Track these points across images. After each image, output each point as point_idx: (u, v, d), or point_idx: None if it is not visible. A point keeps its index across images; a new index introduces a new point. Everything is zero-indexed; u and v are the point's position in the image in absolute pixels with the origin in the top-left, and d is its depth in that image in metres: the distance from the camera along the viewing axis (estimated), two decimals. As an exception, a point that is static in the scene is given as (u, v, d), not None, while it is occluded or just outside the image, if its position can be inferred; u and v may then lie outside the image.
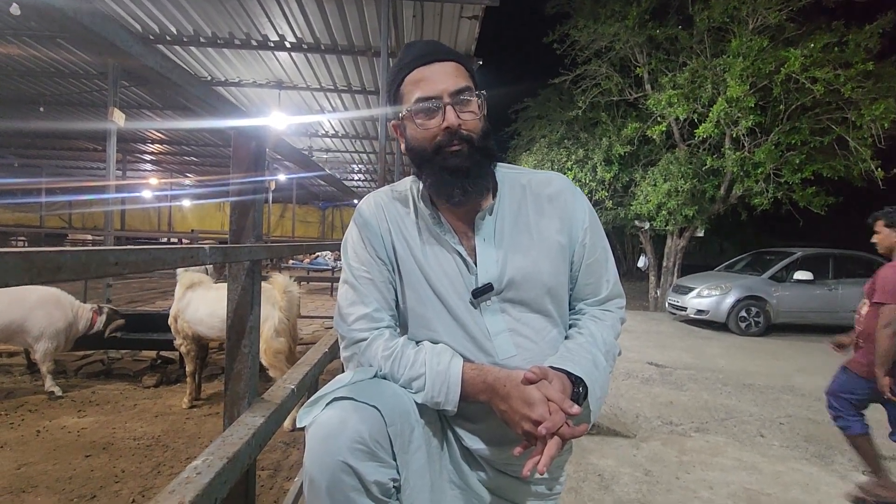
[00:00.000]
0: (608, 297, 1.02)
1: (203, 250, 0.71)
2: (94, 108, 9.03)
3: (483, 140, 0.91)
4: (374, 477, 0.75)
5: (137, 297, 7.77)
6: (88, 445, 2.83)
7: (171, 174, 17.62)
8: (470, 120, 0.89)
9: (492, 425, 0.90)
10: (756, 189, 7.98)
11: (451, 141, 0.88)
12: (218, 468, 0.74)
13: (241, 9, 5.48)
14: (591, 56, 9.66)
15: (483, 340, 0.91)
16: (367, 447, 0.75)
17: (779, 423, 3.52)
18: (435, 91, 0.88)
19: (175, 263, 0.63)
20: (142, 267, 0.56)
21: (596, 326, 0.97)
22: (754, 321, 7.39)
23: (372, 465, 0.75)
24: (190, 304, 3.53)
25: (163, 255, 0.60)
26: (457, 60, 0.92)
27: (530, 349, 0.91)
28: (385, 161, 4.68)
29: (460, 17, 5.50)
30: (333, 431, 0.75)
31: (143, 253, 0.55)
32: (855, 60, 6.80)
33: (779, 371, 5.12)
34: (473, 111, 0.90)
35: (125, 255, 0.52)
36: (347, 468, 0.74)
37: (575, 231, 0.97)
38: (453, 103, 0.87)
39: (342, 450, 0.74)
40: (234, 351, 1.00)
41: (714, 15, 7.92)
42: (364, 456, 0.75)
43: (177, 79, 0.61)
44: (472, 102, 0.90)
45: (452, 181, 0.88)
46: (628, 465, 2.72)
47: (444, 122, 0.87)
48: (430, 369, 0.85)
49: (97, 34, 0.46)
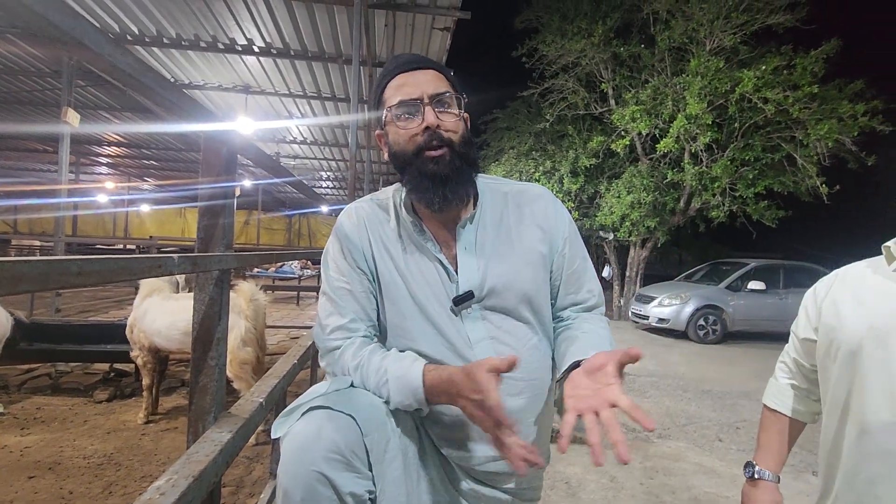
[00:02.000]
0: (593, 306, 1.03)
1: (171, 260, 0.69)
2: (45, 107, 8.58)
3: (464, 146, 0.91)
4: (350, 488, 0.74)
5: (90, 306, 7.38)
6: (32, 465, 2.65)
7: (128, 178, 16.90)
8: (449, 121, 0.90)
9: (471, 434, 0.89)
10: (713, 202, 8.33)
11: (430, 142, 0.88)
12: (183, 488, 0.70)
13: (208, 11, 5.35)
14: (559, 70, 9.91)
15: (463, 348, 0.90)
16: (343, 457, 0.74)
17: (735, 427, 3.66)
18: (415, 94, 0.89)
19: (142, 273, 0.60)
20: (106, 277, 0.53)
21: (590, 325, 0.97)
22: (712, 329, 7.68)
23: (348, 476, 0.74)
24: (147, 313, 3.36)
25: (129, 265, 0.57)
26: (439, 70, 0.94)
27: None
28: (355, 169, 4.65)
29: (432, 28, 5.55)
30: (308, 441, 0.73)
31: (108, 262, 0.52)
32: (802, 83, 7.23)
33: (735, 377, 5.33)
34: (454, 115, 0.91)
35: (88, 265, 0.49)
36: (323, 478, 0.72)
37: (555, 241, 0.98)
38: (432, 104, 0.89)
39: (317, 460, 0.72)
40: (200, 363, 0.96)
41: (674, 36, 8.29)
42: (340, 466, 0.73)
43: (150, 82, 0.58)
44: (452, 106, 0.91)
45: (433, 187, 0.88)
46: (594, 472, 2.76)
47: (423, 121, 0.88)
48: (391, 374, 0.84)
49: (65, 32, 0.44)
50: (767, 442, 1.16)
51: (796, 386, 1.16)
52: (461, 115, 0.92)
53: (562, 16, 9.77)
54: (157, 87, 0.61)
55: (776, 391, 1.19)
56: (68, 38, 0.45)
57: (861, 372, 0.92)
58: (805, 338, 1.10)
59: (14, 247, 12.77)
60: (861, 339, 0.92)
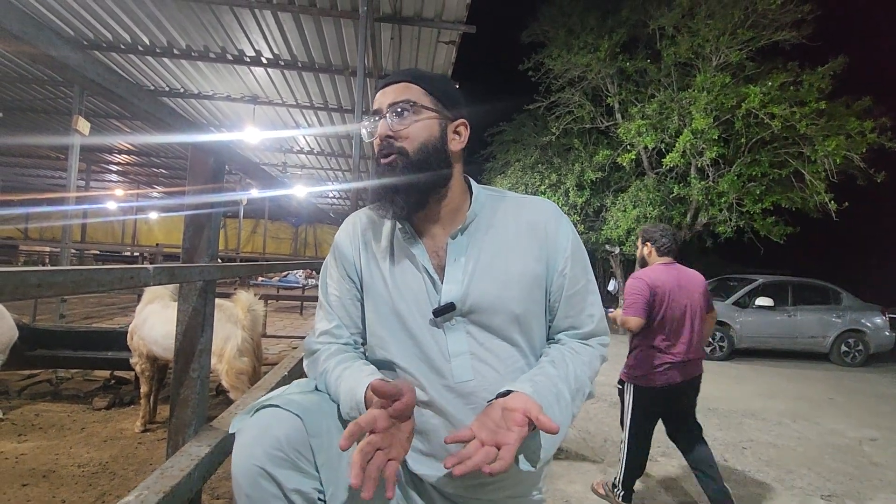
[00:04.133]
0: (592, 333, 0.97)
1: (146, 271, 0.67)
2: (57, 115, 8.73)
3: (420, 152, 0.88)
4: (295, 485, 0.75)
5: (94, 312, 7.42)
6: (27, 473, 2.63)
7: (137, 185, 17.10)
8: (403, 129, 0.88)
9: (442, 449, 0.85)
10: (720, 217, 8.28)
11: (382, 151, 0.89)
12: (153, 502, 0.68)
13: (218, 23, 5.44)
14: (565, 84, 9.97)
15: (440, 362, 0.87)
16: (286, 454, 0.75)
17: (741, 447, 3.58)
18: (376, 106, 0.91)
19: (111, 285, 0.59)
20: (70, 289, 0.51)
21: (572, 360, 0.91)
22: (719, 346, 7.57)
23: (291, 474, 0.75)
24: (147, 321, 3.36)
25: (97, 276, 0.56)
26: (412, 80, 0.91)
27: (489, 376, 0.87)
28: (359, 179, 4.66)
29: (437, 41, 5.59)
30: (254, 438, 0.75)
31: (71, 274, 0.51)
32: (809, 99, 7.21)
33: (741, 396, 5.23)
34: (413, 121, 0.88)
35: (49, 277, 0.48)
36: (265, 474, 0.73)
37: (554, 260, 0.93)
38: (390, 113, 0.89)
39: (259, 456, 0.74)
40: (181, 375, 0.95)
41: (680, 51, 8.32)
42: (283, 463, 0.74)
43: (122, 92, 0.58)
44: (409, 114, 0.88)
45: (384, 195, 0.88)
46: (595, 492, 2.71)
47: (377, 132, 0.90)
48: (343, 386, 0.84)
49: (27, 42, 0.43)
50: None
51: None
52: (421, 120, 0.88)
53: (568, 30, 9.85)
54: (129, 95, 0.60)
55: None
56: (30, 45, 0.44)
57: None
58: None
59: (23, 252, 12.90)
60: None
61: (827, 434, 4.03)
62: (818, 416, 4.56)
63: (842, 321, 7.78)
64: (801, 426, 4.19)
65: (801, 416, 4.50)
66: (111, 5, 5.19)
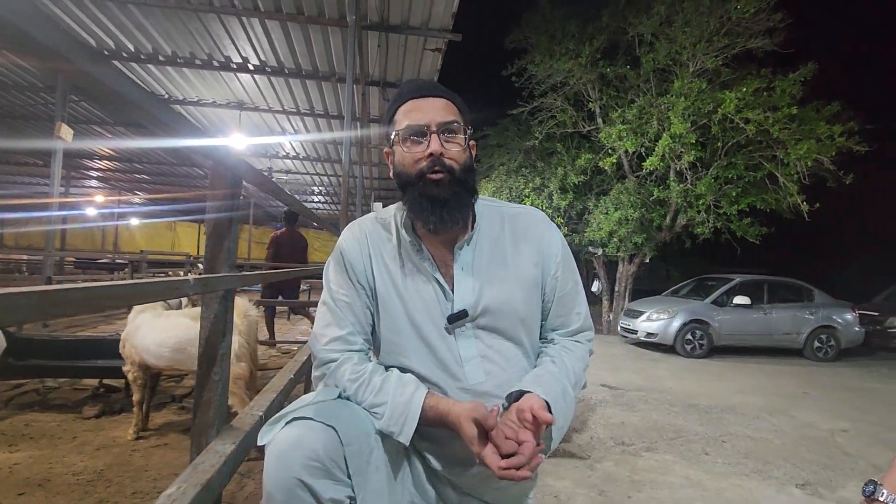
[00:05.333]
0: (579, 329, 1.08)
1: (188, 282, 0.74)
2: (37, 121, 8.59)
3: (465, 173, 0.96)
4: (329, 494, 0.78)
5: (79, 321, 7.30)
6: (22, 482, 2.63)
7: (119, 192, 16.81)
8: (454, 150, 0.95)
9: (456, 448, 0.92)
10: (698, 219, 8.52)
11: (433, 167, 0.93)
12: (192, 496, 0.76)
13: (205, 31, 5.45)
14: (548, 90, 10.14)
15: (454, 366, 0.95)
16: (322, 465, 0.78)
17: (721, 441, 3.73)
18: (424, 120, 0.94)
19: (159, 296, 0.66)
20: (130, 301, 0.59)
21: (568, 357, 1.01)
22: (699, 344, 7.79)
23: (327, 483, 0.78)
24: (139, 329, 3.37)
25: (148, 289, 0.63)
26: (450, 99, 0.99)
27: (499, 376, 0.96)
28: (348, 185, 4.72)
29: (424, 49, 5.69)
30: (290, 449, 0.78)
31: (127, 287, 0.59)
32: (781, 105, 7.49)
33: (721, 391, 5.42)
34: (459, 143, 0.96)
35: (113, 290, 0.55)
36: (302, 485, 0.77)
37: (548, 264, 1.03)
38: (439, 132, 0.94)
39: (297, 467, 0.77)
40: (204, 379, 1.01)
41: (658, 57, 8.56)
42: (319, 473, 0.78)
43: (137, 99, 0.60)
44: (457, 136, 0.96)
45: (430, 208, 0.93)
46: (584, 486, 2.80)
47: (428, 148, 0.93)
48: (392, 399, 0.88)
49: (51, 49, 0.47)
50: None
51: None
52: (466, 144, 0.97)
53: (550, 37, 10.03)
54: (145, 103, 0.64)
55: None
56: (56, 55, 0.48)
57: None
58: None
59: (0, 261, 12.55)
60: None
61: (802, 427, 4.21)
62: (793, 409, 4.76)
63: (815, 318, 8.09)
64: (778, 420, 4.38)
65: (778, 410, 4.69)
66: (95, 11, 5.16)
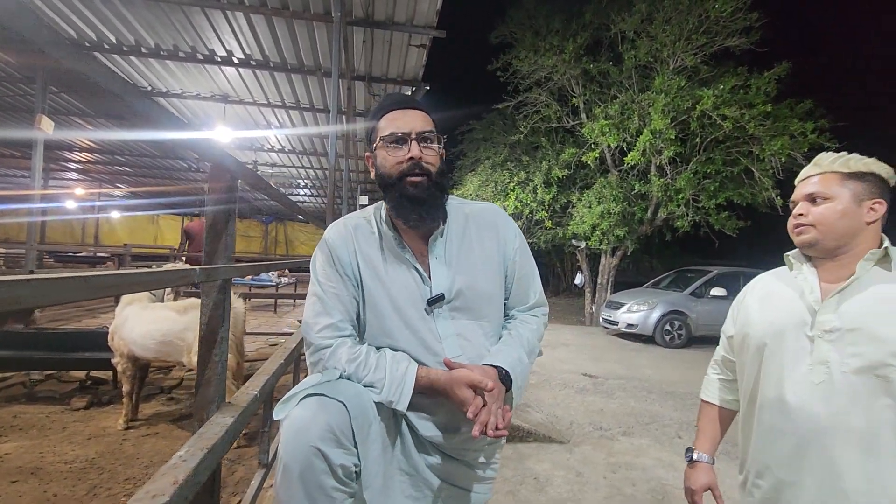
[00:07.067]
0: (535, 305, 1.25)
1: (195, 272, 0.84)
2: (15, 112, 8.43)
3: (440, 176, 1.11)
4: (340, 461, 0.90)
5: (62, 315, 7.26)
6: (14, 471, 2.69)
7: (99, 184, 16.53)
8: (430, 156, 1.10)
9: (444, 416, 1.08)
10: (678, 212, 8.74)
11: (413, 170, 1.07)
12: (200, 456, 0.86)
13: (188, 22, 5.44)
14: (532, 85, 10.27)
15: (433, 343, 1.09)
16: (335, 435, 0.90)
17: (694, 425, 3.91)
18: (406, 128, 1.09)
19: (171, 283, 0.75)
20: (147, 287, 0.68)
21: (524, 328, 1.19)
22: (677, 334, 8.03)
23: (339, 451, 0.90)
24: (127, 322, 3.42)
25: (165, 277, 0.72)
26: (426, 112, 1.14)
27: (472, 350, 1.11)
28: (334, 178, 4.78)
29: (409, 45, 5.75)
30: (307, 422, 0.90)
31: (144, 275, 0.68)
32: (756, 102, 7.72)
33: (697, 379, 5.58)
34: (434, 150, 1.11)
35: (129, 278, 0.64)
36: (318, 453, 0.88)
37: (508, 251, 1.20)
38: (419, 140, 1.08)
39: (314, 438, 0.88)
40: (205, 359, 1.11)
41: (640, 55, 8.73)
42: (333, 443, 0.89)
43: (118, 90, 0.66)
44: (434, 144, 1.11)
45: (411, 207, 1.07)
46: (562, 468, 2.95)
47: (409, 153, 1.07)
48: (389, 373, 1.02)
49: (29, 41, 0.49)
50: (703, 429, 1.36)
51: (724, 379, 1.36)
52: (439, 152, 1.13)
53: (534, 32, 10.13)
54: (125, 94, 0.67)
55: (708, 385, 1.40)
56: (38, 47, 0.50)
57: (763, 362, 1.13)
58: (729, 336, 1.31)
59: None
60: (764, 335, 1.13)
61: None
62: (763, 394, 4.98)
63: (788, 308, 8.37)
64: (748, 404, 4.58)
65: (748, 396, 4.90)
66: (75, 2, 5.11)
